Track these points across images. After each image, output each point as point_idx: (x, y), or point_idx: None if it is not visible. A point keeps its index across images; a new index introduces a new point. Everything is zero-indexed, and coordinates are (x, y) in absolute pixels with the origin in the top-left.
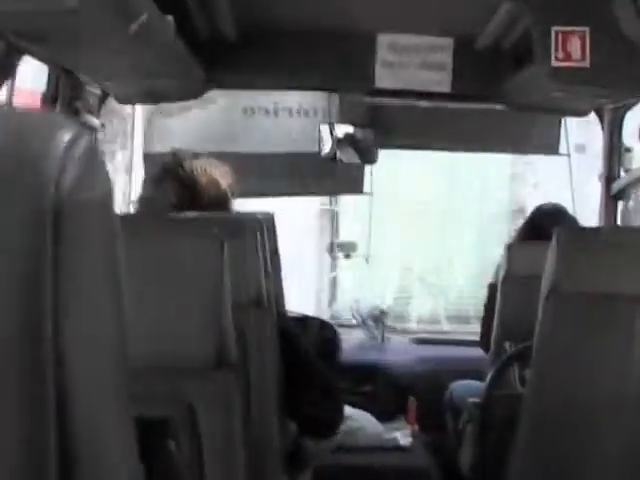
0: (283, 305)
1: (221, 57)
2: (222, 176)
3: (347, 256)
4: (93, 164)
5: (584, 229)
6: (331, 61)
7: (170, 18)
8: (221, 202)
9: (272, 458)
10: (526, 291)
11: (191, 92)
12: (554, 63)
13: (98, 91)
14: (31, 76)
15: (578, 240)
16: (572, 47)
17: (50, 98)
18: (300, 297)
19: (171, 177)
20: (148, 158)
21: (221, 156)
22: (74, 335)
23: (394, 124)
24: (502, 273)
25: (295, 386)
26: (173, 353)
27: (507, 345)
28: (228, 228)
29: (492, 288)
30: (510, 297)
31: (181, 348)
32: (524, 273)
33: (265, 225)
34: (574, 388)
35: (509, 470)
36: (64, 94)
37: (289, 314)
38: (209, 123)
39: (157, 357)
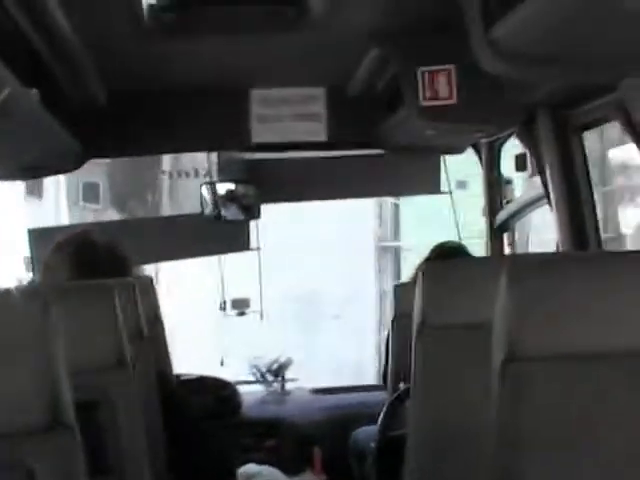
0: (168, 367)
1: (95, 126)
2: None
3: (241, 313)
4: None
5: (449, 263)
6: (206, 120)
7: (35, 91)
8: (119, 268)
9: None
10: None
11: (69, 163)
12: (423, 102)
13: None
14: None
15: (441, 274)
16: (439, 86)
17: None
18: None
19: (67, 247)
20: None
21: (100, 224)
22: None
23: (275, 177)
24: (392, 314)
25: (181, 448)
26: (5, 419)
27: (401, 385)
28: (85, 292)
29: (388, 330)
30: (400, 336)
31: (13, 414)
32: (410, 311)
33: (139, 288)
34: (449, 418)
35: None
36: None
37: (183, 377)
38: None
39: None
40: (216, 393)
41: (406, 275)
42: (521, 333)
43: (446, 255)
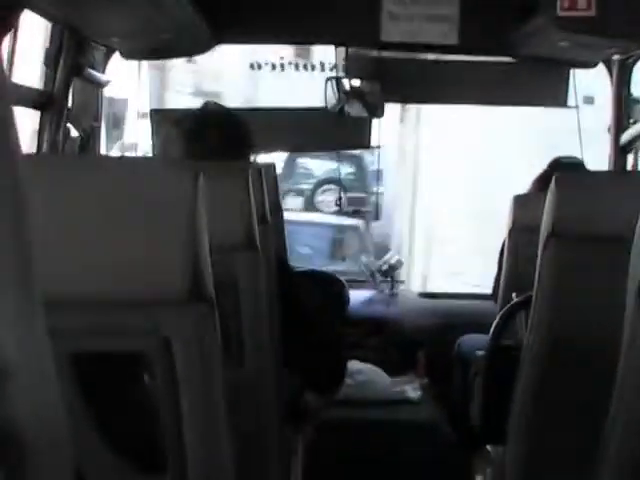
0: (284, 256)
1: (226, 12)
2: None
3: (355, 211)
4: None
5: (583, 174)
6: (337, 14)
7: None
8: (235, 149)
9: (267, 407)
10: (532, 241)
11: (197, 48)
12: (560, 12)
13: (103, 47)
14: None
15: (575, 184)
16: None
17: (53, 54)
18: None
19: (215, 124)
20: (156, 113)
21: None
22: None
23: (401, 77)
24: (508, 225)
25: (296, 337)
26: (145, 286)
27: (514, 296)
28: (219, 170)
29: (504, 241)
30: (516, 248)
31: (153, 281)
32: (530, 223)
33: (265, 174)
34: (574, 332)
35: (512, 418)
36: (68, 50)
37: (296, 268)
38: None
39: (129, 290)
40: (327, 287)
41: None
42: None
43: (564, 167)
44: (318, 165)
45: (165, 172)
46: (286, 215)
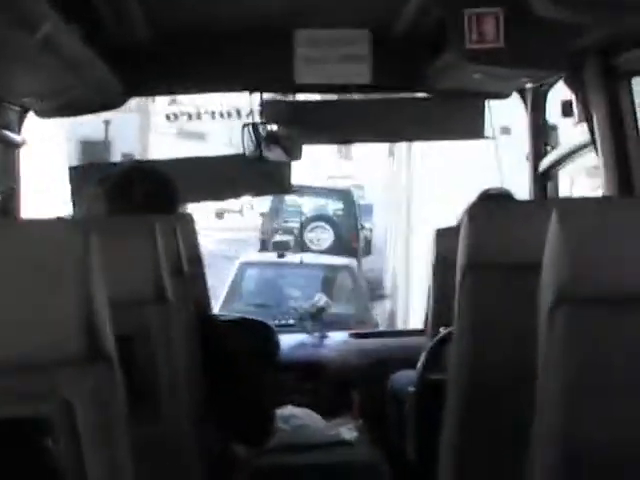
0: (207, 306)
1: (138, 64)
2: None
3: (281, 255)
4: None
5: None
6: (249, 60)
7: (75, 27)
8: (159, 204)
9: (188, 460)
10: (455, 274)
11: (110, 102)
12: (469, 45)
13: (17, 107)
14: None
15: (487, 214)
16: (486, 29)
17: None
18: None
19: (139, 181)
20: (75, 171)
21: (147, 163)
22: None
23: (318, 119)
24: (432, 258)
25: (221, 388)
26: (40, 349)
27: (441, 330)
28: (125, 226)
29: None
30: (440, 281)
31: (49, 343)
32: (453, 256)
33: (179, 225)
34: (495, 360)
35: (442, 451)
36: None
37: (222, 317)
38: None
39: (25, 354)
40: (255, 333)
41: None
42: (571, 275)
43: (493, 199)
44: (306, 201)
45: (56, 232)
46: (275, 258)
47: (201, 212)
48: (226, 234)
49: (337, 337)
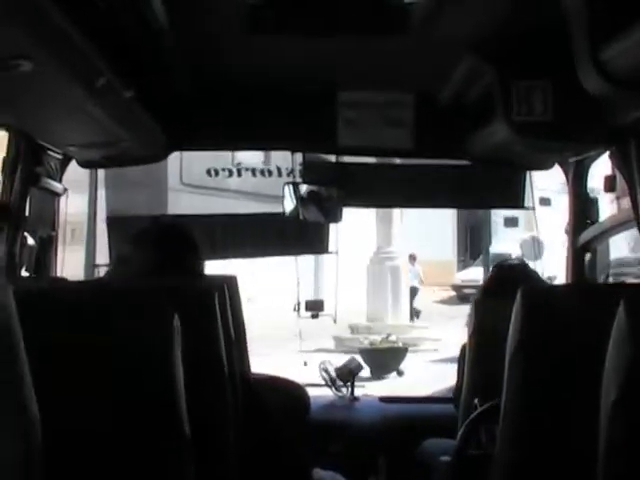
0: (247, 369)
1: (181, 119)
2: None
3: (314, 316)
4: None
5: (549, 286)
6: (293, 121)
7: (126, 81)
8: (196, 266)
9: None
10: (493, 346)
11: (153, 155)
12: (515, 118)
13: (60, 156)
14: None
15: (540, 297)
16: (534, 101)
17: (10, 164)
18: None
19: (151, 239)
20: (113, 221)
21: (185, 218)
22: None
23: (359, 182)
24: (470, 329)
25: (260, 450)
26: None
27: (476, 401)
28: (184, 294)
29: (463, 345)
30: (478, 353)
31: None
32: (491, 328)
33: (227, 288)
34: (542, 440)
35: None
36: (25, 159)
37: (255, 375)
38: None
39: None
40: (287, 393)
41: None
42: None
43: (508, 273)
44: None
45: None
46: None
47: None
48: None
49: (366, 400)
